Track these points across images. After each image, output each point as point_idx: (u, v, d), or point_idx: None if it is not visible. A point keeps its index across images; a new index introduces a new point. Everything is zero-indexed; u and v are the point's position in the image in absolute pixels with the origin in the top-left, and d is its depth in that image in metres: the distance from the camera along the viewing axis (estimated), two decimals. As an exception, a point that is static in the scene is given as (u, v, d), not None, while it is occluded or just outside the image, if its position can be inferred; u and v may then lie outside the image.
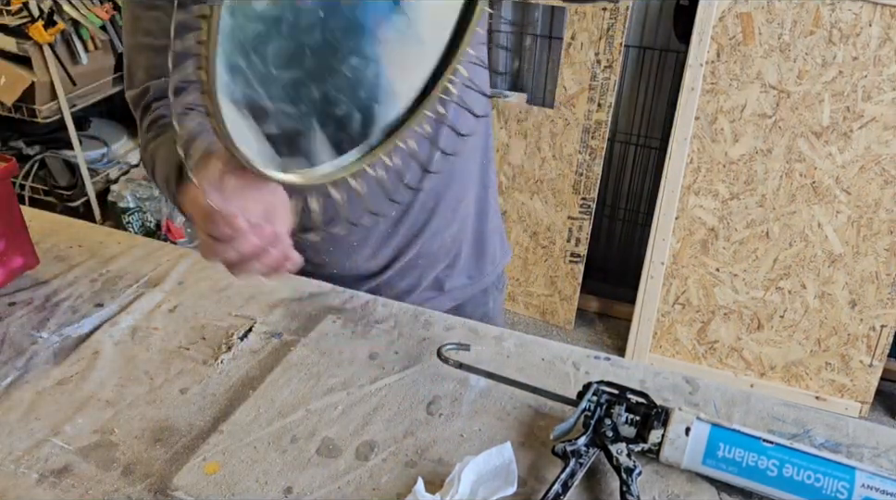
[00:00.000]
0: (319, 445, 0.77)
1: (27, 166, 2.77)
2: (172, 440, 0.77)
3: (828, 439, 0.81)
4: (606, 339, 2.63)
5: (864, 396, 2.28)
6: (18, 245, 0.99)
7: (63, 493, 0.71)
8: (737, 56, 2.05)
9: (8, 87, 2.49)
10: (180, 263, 1.06)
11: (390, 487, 0.73)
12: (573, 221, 2.46)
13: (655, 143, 2.49)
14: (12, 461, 0.74)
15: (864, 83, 1.98)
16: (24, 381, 0.84)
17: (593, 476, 0.75)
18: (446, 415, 0.82)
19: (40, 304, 0.97)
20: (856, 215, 2.10)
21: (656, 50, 2.38)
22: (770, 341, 2.31)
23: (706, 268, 2.29)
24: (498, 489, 0.70)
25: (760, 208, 2.18)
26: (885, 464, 0.78)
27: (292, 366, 0.87)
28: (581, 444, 0.74)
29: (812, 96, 2.03)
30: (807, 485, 0.70)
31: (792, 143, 2.09)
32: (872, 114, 2.01)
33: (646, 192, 2.60)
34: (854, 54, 1.97)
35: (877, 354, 2.22)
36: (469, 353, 0.89)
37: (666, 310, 2.38)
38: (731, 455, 0.72)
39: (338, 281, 1.05)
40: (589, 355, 0.92)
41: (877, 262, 2.13)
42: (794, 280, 2.22)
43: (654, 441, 0.74)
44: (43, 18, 2.41)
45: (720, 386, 0.87)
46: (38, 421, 0.79)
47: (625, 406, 0.76)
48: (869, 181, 2.06)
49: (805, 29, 1.98)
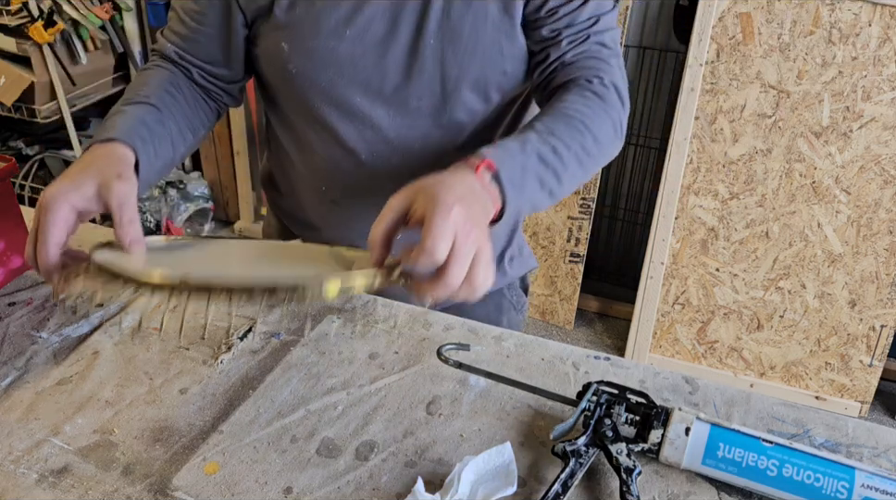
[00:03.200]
0: (319, 445, 0.77)
1: (27, 166, 2.77)
2: (172, 440, 0.77)
3: (828, 439, 0.81)
4: (606, 339, 2.63)
5: (863, 396, 2.28)
6: (18, 245, 0.99)
7: (63, 494, 0.71)
8: (736, 56, 2.05)
9: (8, 87, 2.50)
10: (179, 263, 1.06)
11: (390, 487, 0.73)
12: (573, 221, 2.46)
13: (655, 142, 2.49)
14: (12, 461, 0.74)
15: (864, 83, 1.98)
16: (24, 381, 0.84)
17: (593, 476, 0.75)
18: (446, 415, 0.82)
19: (40, 304, 0.97)
20: (856, 215, 2.10)
21: (656, 50, 2.38)
22: (770, 341, 2.31)
23: (706, 268, 2.29)
24: (498, 489, 0.70)
25: (760, 208, 2.18)
26: (885, 464, 0.78)
27: (292, 366, 0.87)
28: (581, 444, 0.74)
29: (811, 96, 2.03)
30: (807, 485, 0.70)
31: (792, 143, 2.09)
32: (872, 114, 2.01)
33: (646, 192, 2.60)
34: (854, 54, 1.97)
35: (877, 354, 2.22)
36: (469, 353, 0.89)
37: (666, 310, 2.38)
38: (731, 455, 0.72)
39: None
40: (588, 355, 0.92)
41: (876, 262, 2.13)
42: (794, 280, 2.22)
43: (654, 441, 0.74)
44: (43, 19, 2.41)
45: (720, 386, 0.87)
46: (38, 421, 0.79)
47: (625, 406, 0.76)
48: (869, 180, 2.06)
49: (805, 29, 1.98)
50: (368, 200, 1.00)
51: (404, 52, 0.90)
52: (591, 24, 0.90)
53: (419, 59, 0.90)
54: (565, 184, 0.82)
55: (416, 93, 0.93)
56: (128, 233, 0.72)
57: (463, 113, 0.95)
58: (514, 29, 0.90)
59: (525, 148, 0.78)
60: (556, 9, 0.89)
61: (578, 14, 0.90)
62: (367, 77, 0.92)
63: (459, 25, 0.88)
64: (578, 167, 0.83)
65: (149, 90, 0.93)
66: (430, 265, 0.62)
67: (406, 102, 0.93)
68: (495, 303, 1.17)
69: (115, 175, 0.73)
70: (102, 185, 0.72)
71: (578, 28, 0.90)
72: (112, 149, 0.79)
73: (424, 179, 0.69)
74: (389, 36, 0.90)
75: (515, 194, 0.73)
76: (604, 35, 0.92)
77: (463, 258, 0.63)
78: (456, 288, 0.64)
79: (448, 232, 0.62)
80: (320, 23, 0.90)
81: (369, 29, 0.89)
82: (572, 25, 0.90)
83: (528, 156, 0.77)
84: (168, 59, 0.99)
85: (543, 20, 0.90)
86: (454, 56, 0.90)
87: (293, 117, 1.01)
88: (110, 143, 0.81)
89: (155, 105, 0.91)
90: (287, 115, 1.02)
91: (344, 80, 0.92)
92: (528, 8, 0.90)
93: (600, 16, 0.91)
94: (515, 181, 0.74)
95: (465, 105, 0.94)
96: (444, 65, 0.90)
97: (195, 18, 0.96)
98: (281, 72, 0.95)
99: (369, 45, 0.90)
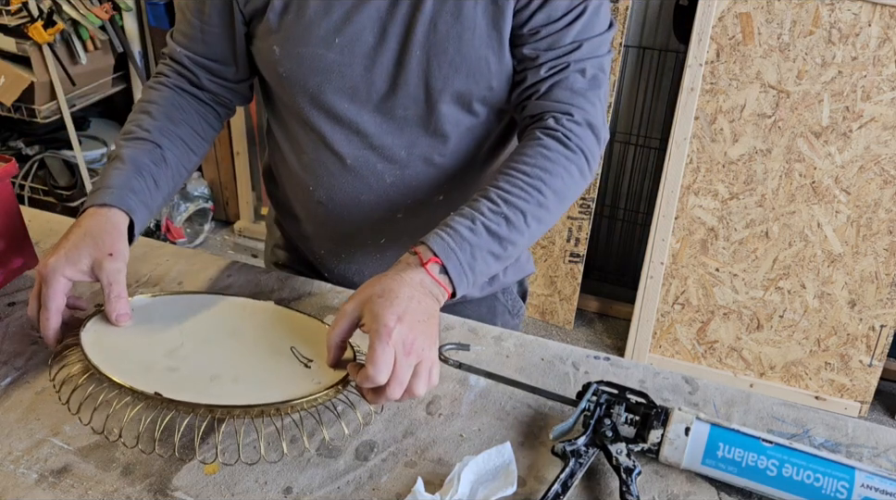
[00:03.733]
0: (319, 445, 0.77)
1: (27, 166, 2.77)
2: (172, 440, 0.77)
3: (828, 439, 0.81)
4: (606, 339, 2.63)
5: (863, 396, 2.28)
6: (18, 245, 0.99)
7: (63, 494, 0.71)
8: (736, 56, 2.05)
9: (8, 87, 2.49)
10: (179, 263, 1.06)
11: (389, 487, 0.73)
12: (573, 221, 2.46)
13: (655, 143, 2.49)
14: (12, 461, 0.74)
15: (864, 83, 1.99)
16: (24, 381, 0.84)
17: (593, 476, 0.75)
18: (446, 415, 0.82)
19: (39, 304, 0.97)
20: (856, 215, 2.10)
21: (656, 50, 2.38)
22: (770, 341, 2.31)
23: (706, 268, 2.29)
24: (498, 489, 0.70)
25: (759, 208, 2.18)
26: (884, 464, 0.78)
27: (292, 366, 0.87)
28: (581, 444, 0.74)
29: (811, 96, 2.03)
30: (807, 485, 0.70)
31: (792, 143, 2.09)
32: (871, 114, 2.01)
33: (646, 192, 2.60)
34: (854, 54, 1.97)
35: (877, 354, 2.22)
36: (469, 353, 0.90)
37: (666, 310, 2.38)
38: (731, 454, 0.72)
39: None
40: (588, 355, 0.92)
41: (876, 262, 2.13)
42: (794, 280, 2.22)
43: (654, 441, 0.74)
44: (43, 19, 2.41)
45: (720, 386, 0.87)
46: (38, 421, 0.79)
47: (624, 406, 0.76)
48: (869, 180, 2.06)
49: (805, 29, 1.98)
50: (352, 204, 1.01)
51: (391, 62, 0.91)
52: (573, 49, 0.90)
53: (405, 70, 0.91)
54: (521, 246, 0.87)
55: (402, 104, 0.94)
56: (115, 309, 0.81)
57: (448, 124, 0.95)
58: (502, 45, 0.90)
59: (475, 227, 0.82)
60: (539, 29, 0.89)
61: (562, 36, 0.89)
62: (355, 85, 0.93)
63: (445, 38, 0.89)
64: (538, 224, 0.87)
65: (151, 121, 0.95)
66: (373, 385, 0.71)
67: (393, 111, 0.95)
68: (488, 306, 1.17)
69: (106, 254, 0.82)
70: (95, 263, 0.82)
71: (560, 52, 0.90)
72: (108, 217, 0.85)
73: (375, 283, 0.76)
74: (377, 46, 0.91)
75: (464, 279, 0.80)
76: (587, 63, 0.91)
77: (401, 379, 0.71)
78: (397, 398, 0.72)
79: (387, 359, 0.71)
80: (311, 30, 0.91)
81: (359, 38, 0.91)
82: (553, 48, 0.89)
83: (478, 236, 0.82)
84: (178, 63, 1.00)
85: (526, 38, 0.90)
86: (439, 69, 0.90)
87: (287, 116, 1.02)
88: (106, 208, 0.86)
89: (155, 142, 0.94)
90: (282, 114, 1.03)
91: (332, 86, 0.93)
92: (513, 23, 0.90)
93: (584, 40, 0.90)
94: (464, 265, 0.80)
95: (449, 117, 0.94)
96: (429, 77, 0.91)
97: (200, 17, 0.97)
98: (273, 74, 0.96)
99: (358, 55, 0.91)
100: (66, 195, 2.81)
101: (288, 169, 1.06)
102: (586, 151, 0.90)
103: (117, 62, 2.76)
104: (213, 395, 0.73)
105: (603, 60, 0.92)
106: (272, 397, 0.73)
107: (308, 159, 1.01)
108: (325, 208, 1.03)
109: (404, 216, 1.02)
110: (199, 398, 0.72)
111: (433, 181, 1.00)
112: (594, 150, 0.92)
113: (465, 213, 0.84)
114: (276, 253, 1.23)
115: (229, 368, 0.78)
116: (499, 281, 1.15)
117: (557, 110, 0.90)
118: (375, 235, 1.04)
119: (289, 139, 1.03)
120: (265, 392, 0.74)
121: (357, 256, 1.07)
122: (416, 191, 1.00)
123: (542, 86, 0.91)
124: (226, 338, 0.83)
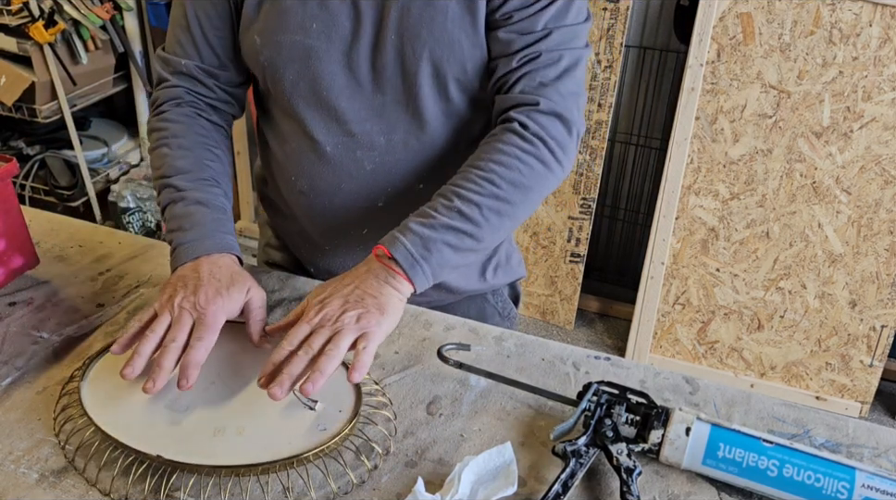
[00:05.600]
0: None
1: (27, 166, 2.77)
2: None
3: (829, 439, 0.81)
4: (606, 339, 2.63)
5: (864, 396, 2.28)
6: (18, 245, 0.99)
7: (63, 493, 0.71)
8: (737, 56, 2.05)
9: (9, 87, 2.50)
10: (180, 263, 1.06)
11: (390, 487, 0.73)
12: (573, 221, 2.46)
13: (656, 143, 2.49)
14: (12, 461, 0.74)
15: (865, 83, 1.98)
16: (25, 381, 0.84)
17: (593, 476, 0.75)
18: (446, 415, 0.82)
19: (40, 304, 0.97)
20: (856, 215, 2.10)
21: (656, 50, 2.38)
22: (770, 341, 2.31)
23: (706, 269, 2.29)
24: (498, 489, 0.70)
25: (760, 208, 2.18)
26: (885, 464, 0.78)
27: (293, 366, 0.87)
28: (581, 444, 0.74)
29: (812, 96, 2.03)
30: (807, 485, 0.70)
31: (792, 143, 2.09)
32: (872, 114, 2.01)
33: (646, 192, 2.60)
34: (854, 54, 1.97)
35: (878, 354, 2.22)
36: (469, 353, 0.90)
37: (667, 310, 2.38)
38: (731, 455, 0.72)
39: None
40: (589, 355, 0.92)
41: (877, 262, 2.13)
42: (794, 280, 2.22)
43: (654, 441, 0.74)
44: (44, 18, 2.41)
45: (720, 386, 0.87)
46: (38, 421, 0.79)
47: (625, 407, 0.76)
48: (869, 181, 2.06)
49: (805, 29, 1.98)
50: (333, 192, 1.02)
51: (368, 47, 0.93)
52: (544, 35, 0.90)
53: (381, 54, 0.93)
54: (483, 237, 0.88)
55: (380, 89, 0.95)
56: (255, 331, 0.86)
57: (425, 108, 0.96)
58: (475, 28, 0.91)
59: (426, 222, 0.85)
60: (512, 14, 0.90)
61: (534, 21, 0.90)
62: (333, 71, 0.94)
63: (419, 21, 0.90)
64: (497, 216, 0.88)
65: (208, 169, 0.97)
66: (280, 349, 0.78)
67: (371, 97, 0.96)
68: (477, 307, 1.17)
69: (248, 288, 0.87)
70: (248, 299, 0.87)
71: (532, 38, 0.90)
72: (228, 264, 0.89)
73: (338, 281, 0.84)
74: (354, 32, 0.92)
75: (417, 267, 0.83)
76: (560, 54, 0.91)
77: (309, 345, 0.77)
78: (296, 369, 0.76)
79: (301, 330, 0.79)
80: (288, 18, 0.93)
81: (335, 24, 0.92)
82: (525, 33, 0.90)
83: (430, 229, 0.85)
84: (186, 76, 1.01)
85: (499, 23, 0.91)
86: (413, 51, 0.92)
87: (272, 108, 1.04)
88: (221, 255, 0.89)
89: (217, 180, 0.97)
90: (267, 106, 1.05)
91: (311, 73, 0.95)
92: (487, 8, 0.91)
93: (556, 28, 0.90)
94: (416, 256, 0.83)
95: (425, 101, 0.95)
96: (404, 59, 0.92)
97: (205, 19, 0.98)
98: (255, 64, 0.98)
99: (335, 40, 0.93)
100: (66, 195, 2.81)
101: (274, 162, 1.08)
102: (548, 140, 0.91)
103: (117, 62, 2.76)
104: (218, 452, 0.72)
105: (577, 52, 0.93)
106: (278, 449, 0.73)
107: (290, 149, 1.02)
108: (307, 198, 1.04)
109: (384, 205, 1.02)
110: (203, 457, 0.71)
111: (413, 168, 1.00)
112: (562, 139, 0.92)
113: (418, 212, 0.88)
114: (267, 251, 1.25)
115: (232, 418, 0.77)
116: (487, 282, 1.15)
117: (523, 102, 0.91)
118: (357, 226, 1.05)
119: (273, 130, 1.05)
120: (271, 443, 0.74)
121: (341, 248, 1.08)
122: (396, 178, 1.01)
123: (511, 78, 0.92)
124: (228, 378, 0.82)
